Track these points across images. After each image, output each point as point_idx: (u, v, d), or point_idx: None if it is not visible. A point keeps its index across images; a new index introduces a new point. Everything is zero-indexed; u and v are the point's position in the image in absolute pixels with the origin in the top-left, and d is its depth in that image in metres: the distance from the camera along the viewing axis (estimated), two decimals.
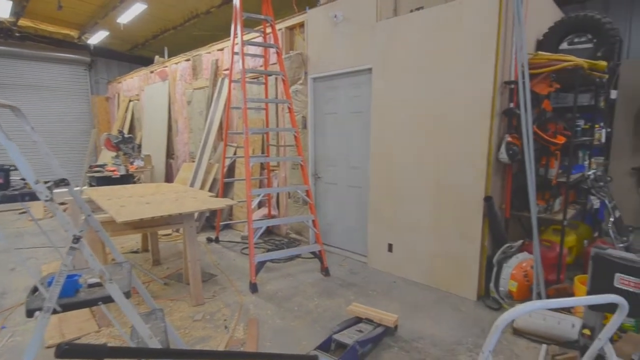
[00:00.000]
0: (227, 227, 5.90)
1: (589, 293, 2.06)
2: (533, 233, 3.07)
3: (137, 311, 1.60)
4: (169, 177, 7.97)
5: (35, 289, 1.61)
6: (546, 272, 3.38)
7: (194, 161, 6.92)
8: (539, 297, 3.06)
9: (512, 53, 3.20)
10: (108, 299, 1.53)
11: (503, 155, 3.16)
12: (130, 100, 9.42)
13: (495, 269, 3.23)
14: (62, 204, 6.24)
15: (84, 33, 9.38)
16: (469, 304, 3.34)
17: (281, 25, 5.02)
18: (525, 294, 3.15)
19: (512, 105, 3.24)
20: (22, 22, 8.70)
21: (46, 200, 1.35)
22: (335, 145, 4.62)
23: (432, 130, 3.51)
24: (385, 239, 4.04)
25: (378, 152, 4.00)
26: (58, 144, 10.03)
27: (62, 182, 1.67)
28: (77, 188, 8.54)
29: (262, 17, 4.34)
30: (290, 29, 5.05)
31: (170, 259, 4.58)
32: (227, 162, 5.69)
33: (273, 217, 5.43)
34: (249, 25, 5.02)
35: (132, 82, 9.32)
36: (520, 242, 3.33)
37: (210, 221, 6.00)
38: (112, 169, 6.12)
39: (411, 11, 3.58)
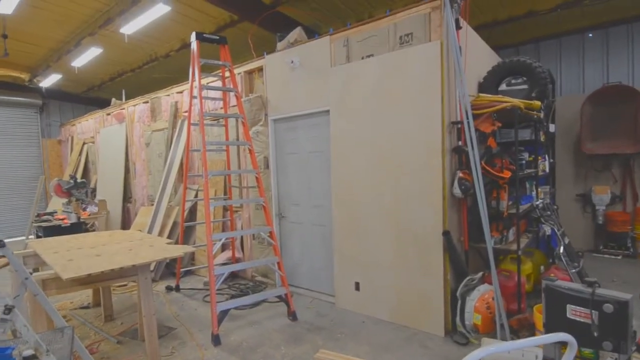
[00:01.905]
0: (189, 273, 5.62)
1: (545, 325, 2.13)
2: (490, 264, 3.17)
3: None
4: (126, 223, 7.58)
5: None
6: (507, 302, 3.47)
7: (152, 205, 6.66)
8: (502, 329, 3.11)
9: (457, 95, 3.45)
10: None
11: (456, 190, 3.31)
12: (84, 143, 9.06)
13: (459, 303, 3.27)
14: (2, 256, 5.73)
15: (36, 76, 9.06)
16: (437, 340, 3.33)
17: (240, 70, 5.13)
18: (489, 326, 3.19)
19: (460, 143, 3.44)
20: None
21: None
22: (298, 184, 4.64)
23: (389, 169, 3.63)
24: (351, 277, 4.01)
25: (339, 191, 4.06)
26: (4, 190, 9.34)
27: None
28: (22, 238, 7.90)
29: (221, 62, 4.43)
30: (249, 72, 5.16)
31: (124, 313, 4.25)
32: (188, 205, 5.53)
33: (237, 259, 5.26)
34: (208, 69, 5.09)
35: (87, 124, 9.01)
36: (480, 274, 3.43)
37: (170, 268, 5.70)
38: (61, 217, 5.74)
39: (363, 58, 3.79)
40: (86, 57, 7.21)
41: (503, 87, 4.18)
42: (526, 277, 3.92)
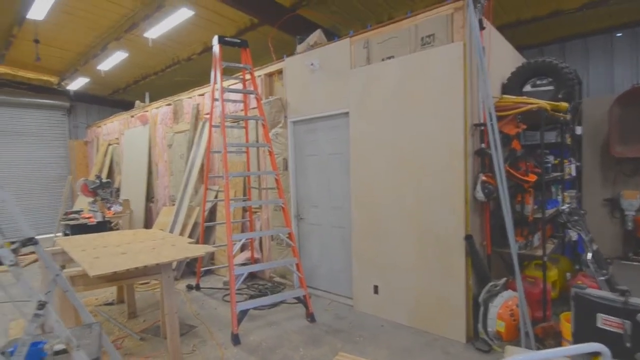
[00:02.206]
0: (209, 272, 5.71)
1: (574, 335, 2.06)
2: (515, 271, 3.09)
3: None
4: (148, 222, 7.77)
5: None
6: (532, 309, 3.37)
7: (174, 205, 6.80)
8: (527, 336, 3.02)
9: (480, 97, 3.38)
10: None
11: (479, 194, 3.24)
12: (109, 144, 9.34)
13: (481, 309, 3.20)
14: (32, 252, 5.96)
15: (64, 79, 9.43)
16: (458, 347, 3.26)
17: (260, 72, 5.18)
18: (513, 334, 3.11)
19: (483, 145, 3.37)
20: (0, 69, 8.69)
21: (10, 265, 1.28)
22: (317, 186, 4.65)
23: (410, 171, 3.59)
24: (370, 280, 3.98)
25: (359, 193, 4.04)
26: (34, 189, 9.73)
27: (29, 242, 1.60)
28: (50, 235, 8.19)
29: (241, 65, 4.49)
30: (269, 75, 5.21)
31: (147, 310, 4.35)
32: (208, 205, 5.62)
33: (256, 260, 5.30)
34: (229, 72, 5.17)
35: (112, 126, 9.29)
36: (504, 279, 3.34)
37: (191, 267, 5.80)
38: (87, 215, 5.93)
39: (383, 60, 3.77)
40: (112, 61, 7.44)
41: (527, 88, 4.07)
42: (551, 284, 3.80)
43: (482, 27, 3.27)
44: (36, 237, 1.78)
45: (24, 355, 1.30)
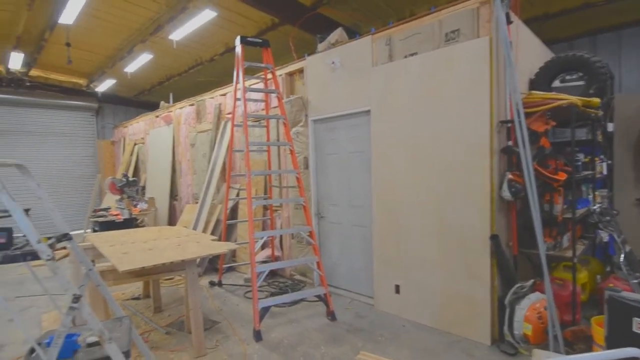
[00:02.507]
0: (231, 269, 5.80)
1: (607, 339, 1.98)
2: (543, 272, 2.99)
3: None
4: (172, 219, 7.96)
5: (32, 350, 1.56)
6: (561, 312, 3.26)
7: (197, 202, 6.94)
8: (556, 340, 2.93)
9: (506, 93, 3.29)
10: None
11: (506, 193, 3.16)
12: (135, 144, 9.62)
13: (507, 311, 3.12)
14: (63, 248, 6.19)
15: (92, 81, 9.78)
16: (483, 349, 3.19)
17: (281, 71, 5.21)
18: (541, 337, 3.02)
19: (510, 143, 3.28)
20: (33, 72, 9.10)
21: (47, 260, 1.34)
22: (338, 184, 4.64)
23: (433, 169, 3.53)
24: (391, 279, 3.95)
25: (380, 191, 4.01)
26: (64, 187, 10.14)
27: (64, 237, 1.67)
28: (80, 231, 8.53)
29: (263, 65, 4.52)
30: (290, 74, 5.24)
31: (172, 305, 4.46)
32: (230, 203, 5.70)
33: (277, 258, 5.35)
34: (250, 71, 5.22)
35: (138, 126, 9.56)
36: (531, 281, 3.24)
37: (213, 263, 5.91)
38: (115, 212, 6.13)
39: (405, 57, 3.72)
40: (138, 62, 7.66)
41: (556, 83, 3.93)
42: (581, 287, 3.66)
43: (509, 21, 3.17)
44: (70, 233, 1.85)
45: (59, 347, 1.36)
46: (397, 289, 3.90)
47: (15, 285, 5.47)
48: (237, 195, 5.99)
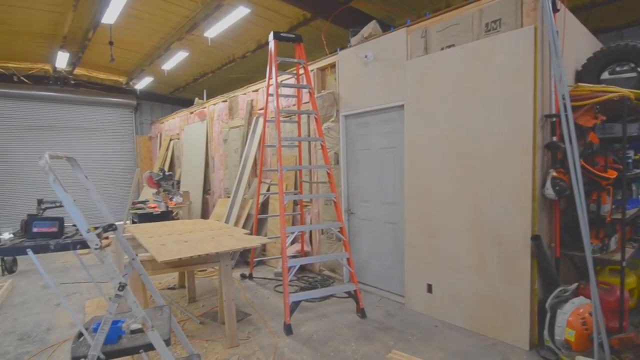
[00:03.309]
0: (261, 263, 5.89)
1: None
2: (590, 276, 2.82)
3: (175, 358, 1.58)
4: (205, 213, 8.19)
5: (80, 334, 1.64)
6: (606, 319, 3.06)
7: (228, 197, 7.09)
8: (601, 348, 2.76)
9: (551, 86, 3.11)
10: (149, 347, 1.53)
11: (549, 191, 2.99)
12: (171, 139, 9.96)
13: (548, 315, 2.97)
14: (106, 238, 6.52)
15: (132, 79, 10.19)
16: (520, 353, 3.06)
17: (313, 67, 5.20)
18: (585, 344, 2.85)
19: (555, 138, 3.10)
20: (77, 71, 9.59)
21: (95, 249, 1.40)
22: (369, 181, 4.59)
23: (469, 166, 3.41)
24: (423, 278, 3.86)
25: (413, 188, 3.93)
26: (105, 180, 10.68)
27: (110, 228, 1.74)
28: (120, 222, 8.95)
29: (296, 60, 4.53)
30: (322, 69, 5.22)
31: (205, 295, 4.60)
32: (261, 198, 5.78)
33: (306, 253, 5.38)
34: (282, 67, 5.25)
35: (174, 122, 9.89)
36: (575, 285, 3.07)
37: (244, 256, 6.03)
38: (153, 205, 6.38)
39: (442, 49, 3.60)
40: (174, 60, 7.89)
41: (605, 75, 3.67)
42: (629, 292, 3.43)
43: (555, 9, 2.99)
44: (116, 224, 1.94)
45: (106, 332, 1.42)
46: (429, 288, 3.81)
47: (60, 273, 5.83)
48: (268, 190, 6.06)
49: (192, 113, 8.87)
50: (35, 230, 1.58)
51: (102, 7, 5.75)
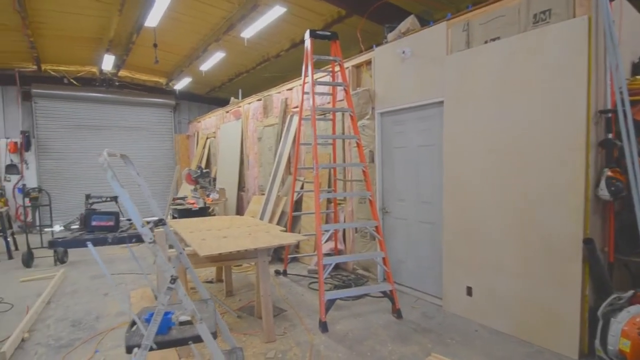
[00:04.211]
0: (294, 260, 5.95)
1: None
2: None
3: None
4: (239, 209, 8.38)
5: (133, 324, 1.72)
6: None
7: (263, 194, 7.21)
8: None
9: (606, 80, 2.91)
10: (198, 339, 1.58)
11: (603, 192, 2.80)
12: (207, 138, 10.26)
13: (600, 324, 2.79)
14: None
15: (171, 80, 10.59)
16: None
17: (348, 64, 5.16)
18: None
19: (610, 135, 2.90)
20: (121, 73, 10.10)
21: (150, 243, 1.46)
22: (405, 179, 4.51)
23: (515, 165, 3.26)
24: (463, 281, 3.75)
25: (452, 188, 3.81)
26: (146, 177, 11.17)
27: (159, 222, 1.81)
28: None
29: (332, 58, 4.52)
30: (357, 66, 5.17)
31: (242, 290, 4.70)
32: (295, 196, 5.83)
33: (339, 251, 5.37)
34: (317, 65, 5.26)
35: (210, 121, 10.18)
36: (630, 292, 2.86)
37: (278, 253, 6.11)
38: (191, 201, 6.60)
39: (485, 42, 3.46)
40: (212, 61, 8.12)
41: None
42: None
43: None
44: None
45: (158, 323, 1.48)
46: (469, 291, 3.69)
47: (105, 264, 6.12)
48: (302, 187, 6.10)
49: (227, 112, 9.09)
50: (94, 223, 1.68)
51: (145, 11, 6.01)
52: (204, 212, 6.26)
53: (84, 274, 5.60)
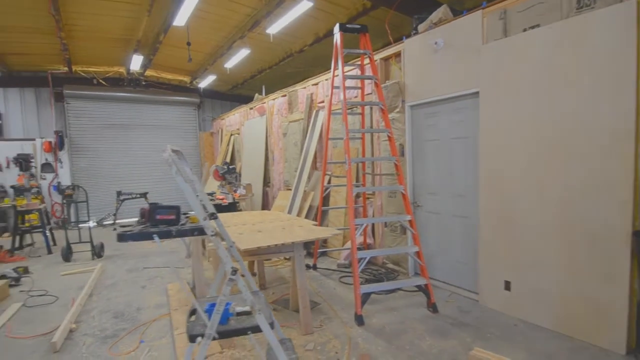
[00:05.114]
0: (322, 254, 5.98)
1: None
2: None
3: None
4: (265, 204, 8.48)
5: (191, 314, 1.77)
6: None
7: (288, 189, 7.27)
8: None
9: None
10: (256, 329, 1.62)
11: None
12: (231, 135, 10.39)
13: None
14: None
15: (195, 78, 10.76)
16: (616, 358, 2.82)
17: (376, 57, 5.11)
18: None
19: None
20: (148, 72, 10.32)
21: (211, 235, 1.50)
22: (436, 172, 4.45)
23: (557, 156, 3.17)
24: (500, 275, 3.68)
25: (489, 180, 3.74)
26: (171, 174, 11.43)
27: (212, 216, 1.85)
28: (192, 213, 9.57)
29: (361, 51, 4.49)
30: (385, 59, 5.12)
31: (274, 283, 4.77)
32: (324, 190, 5.85)
33: (368, 245, 5.37)
34: (345, 59, 5.23)
35: (234, 118, 10.30)
36: None
37: (307, 247, 6.15)
38: (221, 197, 6.72)
39: (524, 30, 3.36)
40: (236, 58, 8.20)
41: None
42: None
43: None
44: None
45: (221, 313, 1.52)
46: (507, 286, 3.63)
47: (142, 258, 6.37)
48: (329, 182, 6.11)
49: (251, 109, 9.17)
50: (158, 217, 1.74)
51: (173, 11, 6.11)
52: (233, 207, 6.35)
53: (121, 268, 5.80)
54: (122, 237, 1.58)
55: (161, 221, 1.74)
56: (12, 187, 8.60)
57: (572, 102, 3.04)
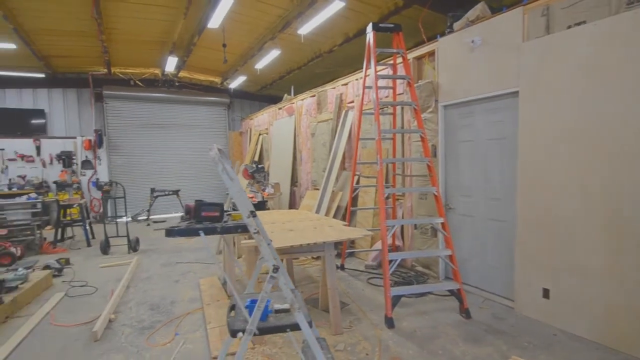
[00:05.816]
0: (350, 255, 5.96)
1: None
2: None
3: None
4: (292, 204, 8.54)
5: (231, 309, 1.81)
6: None
7: (316, 189, 7.29)
8: None
9: None
10: (295, 327, 1.63)
11: None
12: (260, 134, 10.55)
13: None
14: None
15: (225, 79, 10.99)
16: None
17: (409, 56, 5.04)
18: None
19: None
20: (181, 73, 10.64)
21: (254, 233, 1.52)
22: (471, 174, 4.33)
23: (603, 159, 3.01)
24: (538, 282, 3.54)
25: (528, 183, 3.60)
26: (205, 173, 11.78)
27: (252, 214, 1.88)
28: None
29: (395, 50, 4.44)
30: (418, 58, 5.04)
31: (302, 282, 4.80)
32: (354, 191, 5.82)
33: (397, 247, 5.30)
34: (377, 58, 5.19)
35: (262, 118, 10.45)
36: None
37: (335, 247, 6.14)
38: (250, 195, 6.83)
39: (569, 27, 3.22)
40: (267, 59, 8.30)
41: None
42: None
43: None
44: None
45: (262, 310, 1.55)
46: (546, 293, 3.48)
47: (174, 253, 6.57)
48: (357, 182, 6.08)
49: (280, 109, 9.27)
50: (203, 214, 1.80)
51: (208, 13, 6.27)
52: (262, 205, 6.43)
53: (155, 262, 6.01)
54: (170, 233, 1.64)
55: (206, 218, 1.79)
56: (54, 182, 9.10)
57: (621, 101, 2.88)
